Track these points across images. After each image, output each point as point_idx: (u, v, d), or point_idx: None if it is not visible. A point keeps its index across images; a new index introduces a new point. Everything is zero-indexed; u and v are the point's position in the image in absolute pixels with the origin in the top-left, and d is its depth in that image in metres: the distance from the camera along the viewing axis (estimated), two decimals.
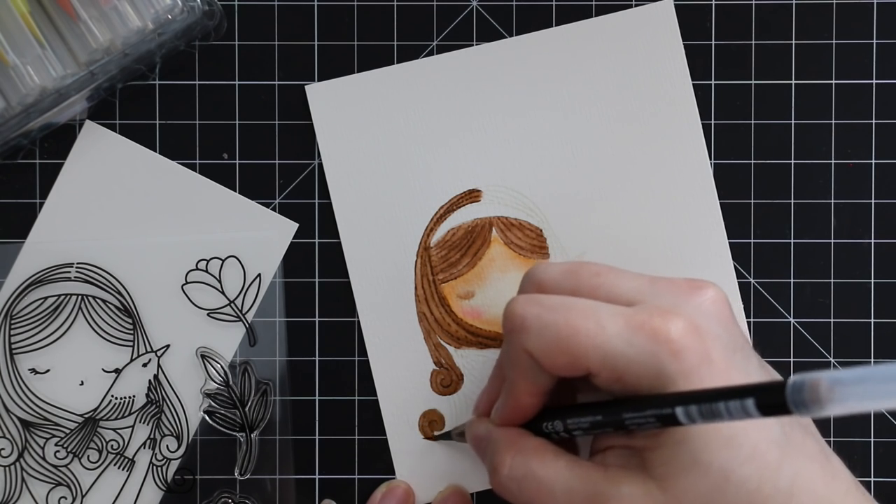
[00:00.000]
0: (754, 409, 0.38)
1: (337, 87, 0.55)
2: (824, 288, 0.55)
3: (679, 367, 0.42)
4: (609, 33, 0.55)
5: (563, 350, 0.43)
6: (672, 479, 0.42)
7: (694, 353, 0.42)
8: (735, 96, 0.55)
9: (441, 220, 0.55)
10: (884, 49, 0.55)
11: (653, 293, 0.45)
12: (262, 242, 0.55)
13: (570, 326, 0.43)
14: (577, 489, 0.44)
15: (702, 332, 0.42)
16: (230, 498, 0.55)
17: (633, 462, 0.44)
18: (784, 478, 0.42)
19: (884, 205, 0.56)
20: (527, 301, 0.45)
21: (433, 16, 0.56)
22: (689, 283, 0.45)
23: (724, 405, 0.39)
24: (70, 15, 0.52)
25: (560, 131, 0.55)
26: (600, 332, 0.43)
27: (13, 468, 0.55)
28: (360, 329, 0.55)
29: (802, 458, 0.43)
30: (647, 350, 0.42)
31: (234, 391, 0.55)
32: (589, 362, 0.43)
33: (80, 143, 0.55)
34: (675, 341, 0.42)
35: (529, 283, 0.48)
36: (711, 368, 0.42)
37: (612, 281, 0.46)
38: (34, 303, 0.55)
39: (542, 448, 0.46)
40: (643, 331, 0.42)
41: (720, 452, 0.42)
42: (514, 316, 0.45)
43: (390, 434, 0.55)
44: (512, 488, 0.46)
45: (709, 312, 0.44)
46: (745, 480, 0.42)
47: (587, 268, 0.46)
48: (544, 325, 0.44)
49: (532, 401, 0.47)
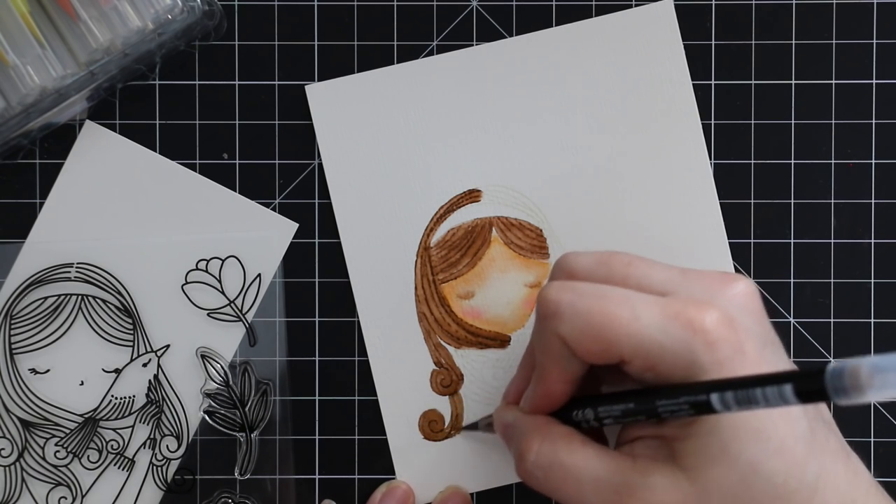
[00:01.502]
0: (792, 395, 0.38)
1: (337, 87, 0.55)
2: (824, 288, 0.55)
3: (712, 358, 0.42)
4: (609, 33, 0.55)
5: (597, 337, 0.43)
6: (701, 469, 0.42)
7: (728, 345, 0.42)
8: (735, 96, 0.55)
9: (441, 220, 0.55)
10: (884, 49, 0.55)
11: (685, 284, 0.45)
12: (262, 242, 0.55)
13: (605, 314, 0.43)
14: (604, 478, 0.44)
15: (735, 324, 0.43)
16: (230, 498, 0.55)
17: (662, 453, 0.44)
18: (810, 473, 0.42)
19: (884, 205, 0.56)
20: (561, 287, 0.45)
21: (433, 16, 0.56)
22: (721, 275, 0.45)
23: (761, 391, 0.39)
24: (70, 15, 0.52)
25: (560, 131, 0.55)
26: (635, 320, 0.43)
27: (13, 468, 0.55)
28: (360, 329, 0.55)
29: (827, 454, 0.43)
30: (682, 340, 0.42)
31: (234, 391, 0.55)
32: (622, 350, 0.43)
33: (80, 143, 0.55)
34: (710, 332, 0.42)
35: (560, 270, 0.47)
36: (744, 360, 0.42)
37: (643, 271, 0.46)
38: (34, 303, 0.55)
39: (570, 436, 0.46)
40: (678, 320, 0.42)
41: (749, 445, 0.42)
42: (549, 301, 0.45)
43: (390, 434, 0.55)
44: (538, 475, 0.46)
45: (741, 305, 0.44)
46: (772, 474, 0.42)
47: (619, 257, 0.46)
48: (578, 312, 0.44)
49: (562, 388, 0.46)
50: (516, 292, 0.55)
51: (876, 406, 0.55)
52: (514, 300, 0.55)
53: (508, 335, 0.55)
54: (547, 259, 0.55)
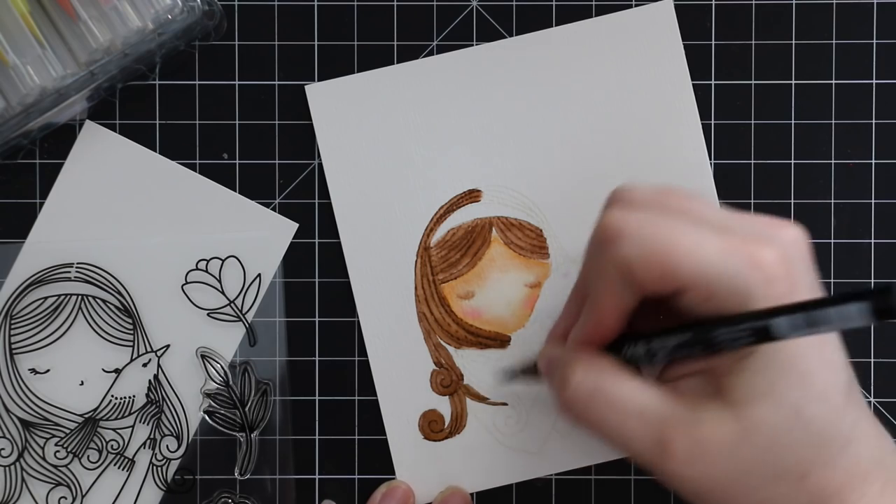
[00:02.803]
0: (868, 312, 0.38)
1: (337, 87, 0.55)
2: (824, 288, 0.55)
3: (769, 293, 0.42)
4: (609, 33, 0.55)
5: (660, 261, 0.43)
6: (747, 406, 0.43)
7: (784, 283, 0.43)
8: (735, 96, 0.55)
9: (441, 220, 0.55)
10: (884, 49, 0.55)
11: (742, 223, 0.45)
12: (262, 242, 0.55)
13: (670, 240, 0.43)
14: (650, 410, 0.45)
15: (792, 264, 0.43)
16: (230, 498, 0.55)
17: (709, 390, 0.45)
18: (846, 423, 0.43)
19: (884, 205, 0.56)
20: (624, 213, 0.45)
21: (433, 16, 0.56)
22: (774, 220, 0.46)
23: (834, 310, 0.39)
24: (70, 15, 0.52)
25: (560, 131, 0.55)
26: (698, 248, 0.43)
27: (13, 468, 0.55)
28: (360, 329, 0.55)
29: (861, 409, 0.45)
30: (741, 273, 0.42)
31: (234, 391, 0.55)
32: (683, 277, 0.43)
33: (80, 143, 0.55)
34: (768, 267, 0.42)
35: (618, 199, 0.47)
36: (796, 300, 0.42)
37: (701, 207, 0.46)
38: (34, 303, 0.55)
39: (615, 366, 0.46)
40: (739, 254, 0.43)
41: (795, 386, 0.43)
42: (611, 226, 0.44)
43: (390, 434, 0.55)
44: (579, 405, 0.46)
45: (796, 249, 0.45)
46: (812, 419, 0.43)
47: (678, 191, 0.46)
48: (643, 236, 0.44)
49: (614, 320, 0.46)
50: (516, 292, 0.55)
51: (876, 406, 0.55)
52: (514, 300, 0.55)
53: (508, 335, 0.55)
54: (547, 259, 0.55)
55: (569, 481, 0.55)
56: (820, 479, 0.43)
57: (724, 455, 0.43)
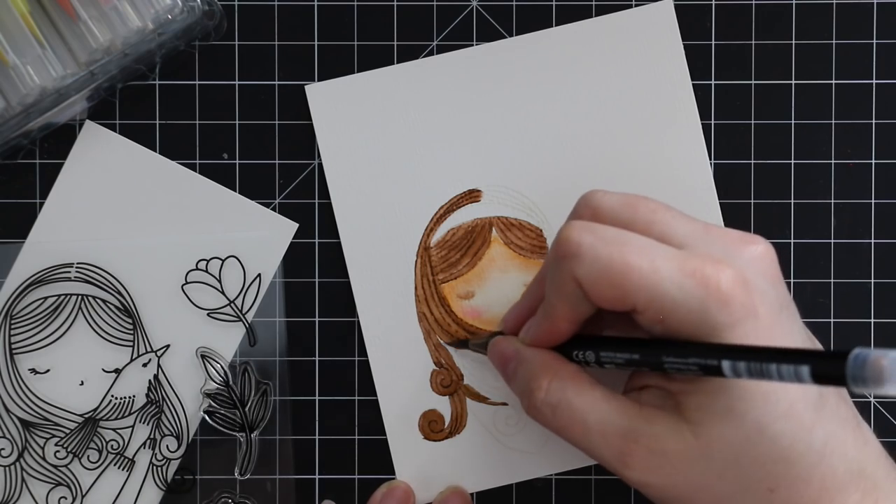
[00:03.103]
0: (808, 376, 0.38)
1: (337, 87, 0.55)
2: (824, 288, 0.55)
3: (725, 318, 0.42)
4: (609, 33, 0.55)
5: (614, 284, 0.43)
6: (706, 425, 0.43)
7: (741, 306, 0.42)
8: (735, 96, 0.55)
9: (441, 220, 0.55)
10: (884, 49, 0.55)
11: (705, 240, 0.45)
12: (262, 242, 0.55)
13: (624, 262, 0.43)
14: (610, 422, 0.45)
15: (750, 285, 0.43)
16: (230, 498, 0.55)
17: (669, 403, 0.44)
18: (817, 439, 0.43)
19: (884, 205, 0.56)
20: (583, 228, 0.45)
21: (433, 16, 0.56)
22: (742, 235, 0.46)
23: (776, 367, 0.39)
24: (70, 15, 0.52)
25: (560, 131, 0.55)
26: (653, 272, 0.43)
27: (13, 468, 0.55)
28: (360, 329, 0.55)
29: (836, 421, 0.43)
30: (696, 296, 0.42)
31: (234, 391, 0.55)
32: (637, 300, 0.43)
33: (80, 143, 0.55)
34: (724, 291, 0.42)
35: (585, 207, 0.47)
36: (756, 323, 0.42)
37: (667, 220, 0.46)
38: (34, 303, 0.55)
39: (578, 376, 0.46)
40: (694, 277, 0.42)
41: (756, 405, 0.42)
42: (569, 242, 0.44)
43: (390, 434, 0.55)
44: (546, 413, 0.46)
45: (758, 267, 0.44)
46: (778, 436, 0.42)
47: (645, 203, 0.46)
48: (598, 257, 0.44)
49: (568, 327, 0.46)
50: (516, 292, 0.55)
51: (876, 406, 0.55)
52: (514, 300, 0.55)
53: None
54: None
55: (569, 481, 0.55)
56: (791, 493, 0.43)
57: (684, 467, 0.43)
